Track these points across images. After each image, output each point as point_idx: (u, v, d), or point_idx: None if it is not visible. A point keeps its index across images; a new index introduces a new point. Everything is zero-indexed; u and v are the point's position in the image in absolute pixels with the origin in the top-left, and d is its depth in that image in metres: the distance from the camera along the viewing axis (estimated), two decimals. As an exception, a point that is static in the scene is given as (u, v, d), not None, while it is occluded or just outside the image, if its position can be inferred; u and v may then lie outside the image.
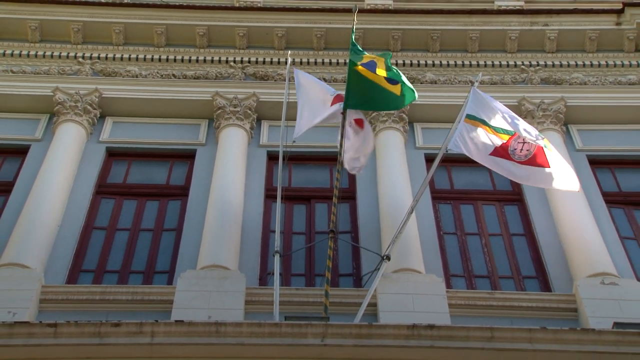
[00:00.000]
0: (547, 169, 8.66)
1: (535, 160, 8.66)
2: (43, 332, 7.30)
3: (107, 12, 12.30)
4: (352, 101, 9.18)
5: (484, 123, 8.94)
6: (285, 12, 12.43)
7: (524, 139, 8.65)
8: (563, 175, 8.71)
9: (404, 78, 9.05)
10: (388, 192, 9.81)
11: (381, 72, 9.03)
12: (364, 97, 9.21)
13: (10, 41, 12.06)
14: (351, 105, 9.20)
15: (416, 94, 9.04)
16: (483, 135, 8.84)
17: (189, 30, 12.15)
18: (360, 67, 9.19)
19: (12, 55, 11.90)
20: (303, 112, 9.45)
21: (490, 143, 8.77)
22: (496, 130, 8.82)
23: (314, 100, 9.58)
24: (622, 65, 12.00)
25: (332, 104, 9.38)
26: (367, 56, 9.28)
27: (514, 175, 8.90)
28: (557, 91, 11.41)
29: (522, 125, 9.01)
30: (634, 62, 12.02)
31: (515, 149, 8.70)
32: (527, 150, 8.66)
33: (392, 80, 9.02)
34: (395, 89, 9.03)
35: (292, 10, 12.55)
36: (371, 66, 9.12)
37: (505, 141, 8.74)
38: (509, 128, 8.79)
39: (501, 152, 8.76)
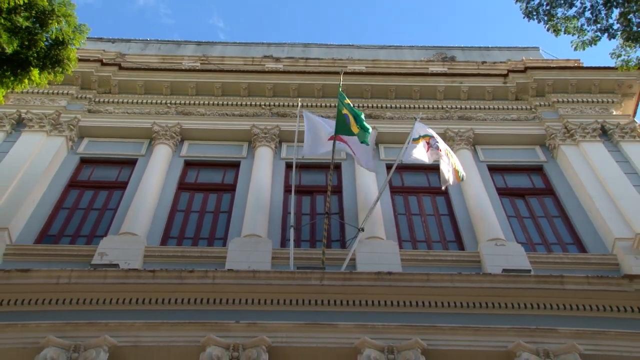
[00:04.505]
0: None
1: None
2: (146, 275, 7.48)
3: (185, 75, 12.29)
4: (339, 130, 9.20)
5: (421, 137, 9.08)
6: (296, 74, 12.39)
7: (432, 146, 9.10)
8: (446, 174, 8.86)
9: (365, 125, 9.12)
10: (362, 187, 9.77)
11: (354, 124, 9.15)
12: (346, 129, 9.21)
13: (126, 94, 12.01)
14: (339, 132, 9.21)
15: (367, 139, 9.04)
16: (420, 146, 8.95)
17: (236, 86, 12.09)
18: (344, 109, 9.26)
19: (126, 102, 11.87)
20: (308, 140, 9.38)
21: (424, 149, 8.94)
22: (423, 136, 9.09)
23: (317, 134, 9.49)
24: (508, 109, 11.93)
25: (327, 140, 9.39)
26: (346, 110, 9.23)
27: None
28: (468, 124, 11.38)
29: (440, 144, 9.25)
30: (514, 107, 11.95)
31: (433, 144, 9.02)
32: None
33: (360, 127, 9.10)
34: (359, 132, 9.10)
35: (301, 72, 12.49)
36: (347, 118, 9.18)
37: (427, 141, 9.07)
38: (427, 133, 9.16)
39: (427, 147, 9.05)
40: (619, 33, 8.84)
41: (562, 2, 9.05)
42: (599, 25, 8.96)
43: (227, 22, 40.28)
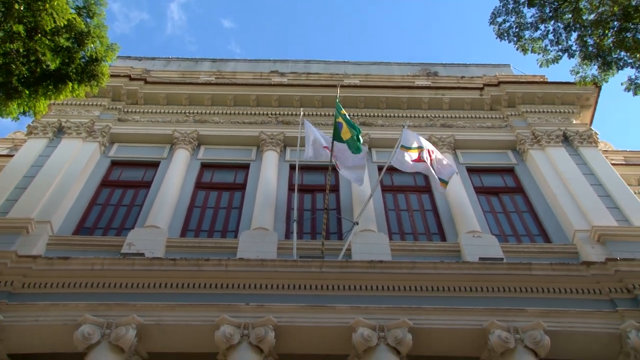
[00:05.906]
0: (431, 168, 9.00)
1: (429, 162, 8.96)
2: (168, 263, 7.47)
3: (202, 88, 12.22)
4: (336, 138, 9.20)
5: (410, 148, 9.05)
6: (299, 87, 12.34)
7: (427, 151, 9.07)
8: (440, 172, 9.02)
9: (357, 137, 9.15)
10: (357, 186, 9.68)
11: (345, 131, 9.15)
12: (337, 135, 9.21)
13: (150, 105, 11.96)
14: (336, 140, 9.20)
15: (359, 148, 9.12)
16: (408, 155, 8.95)
17: (246, 97, 12.04)
18: (339, 118, 9.24)
19: (150, 112, 11.83)
20: (308, 146, 9.35)
21: (410, 160, 8.91)
22: (414, 148, 9.03)
23: (316, 142, 9.47)
24: (483, 118, 11.89)
25: (323, 147, 9.34)
26: (340, 119, 9.23)
27: (423, 170, 9.16)
28: (449, 131, 11.36)
29: (430, 147, 9.23)
30: (489, 116, 11.91)
31: (423, 156, 8.89)
32: (427, 156, 8.91)
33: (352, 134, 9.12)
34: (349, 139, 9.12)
35: (303, 85, 12.47)
36: (340, 125, 9.17)
37: (418, 153, 9.01)
38: (420, 145, 9.07)
39: (417, 159, 8.98)
40: (577, 53, 8.94)
41: (528, 25, 9.14)
42: (560, 46, 9.06)
43: (243, 47, 41.28)
